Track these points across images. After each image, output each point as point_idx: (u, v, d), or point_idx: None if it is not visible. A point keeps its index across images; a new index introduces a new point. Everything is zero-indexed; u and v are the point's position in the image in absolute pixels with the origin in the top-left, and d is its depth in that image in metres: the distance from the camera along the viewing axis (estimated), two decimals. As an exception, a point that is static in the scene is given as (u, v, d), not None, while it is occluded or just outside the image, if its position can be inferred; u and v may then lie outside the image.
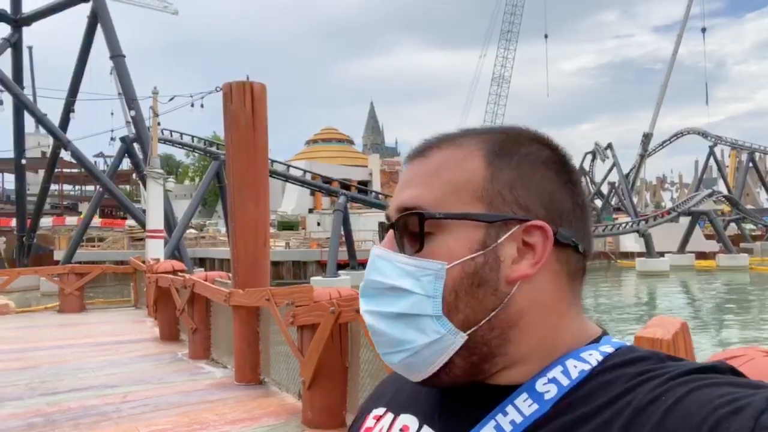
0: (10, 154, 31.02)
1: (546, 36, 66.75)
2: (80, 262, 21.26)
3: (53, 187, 45.31)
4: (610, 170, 63.03)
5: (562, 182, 0.66)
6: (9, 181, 49.14)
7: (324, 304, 4.09)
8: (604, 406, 0.55)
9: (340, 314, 3.94)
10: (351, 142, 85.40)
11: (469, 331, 0.61)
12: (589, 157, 69.04)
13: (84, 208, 42.70)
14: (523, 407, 0.59)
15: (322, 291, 4.37)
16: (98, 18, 26.51)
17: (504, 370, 0.63)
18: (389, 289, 0.63)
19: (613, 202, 63.71)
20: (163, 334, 8.65)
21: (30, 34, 30.14)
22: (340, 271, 29.86)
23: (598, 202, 63.09)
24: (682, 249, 43.58)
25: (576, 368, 0.61)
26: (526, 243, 0.62)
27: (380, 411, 0.74)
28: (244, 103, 5.83)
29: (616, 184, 59.14)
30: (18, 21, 28.34)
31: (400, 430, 0.68)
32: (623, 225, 43.25)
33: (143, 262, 12.50)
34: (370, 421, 0.74)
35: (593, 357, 0.62)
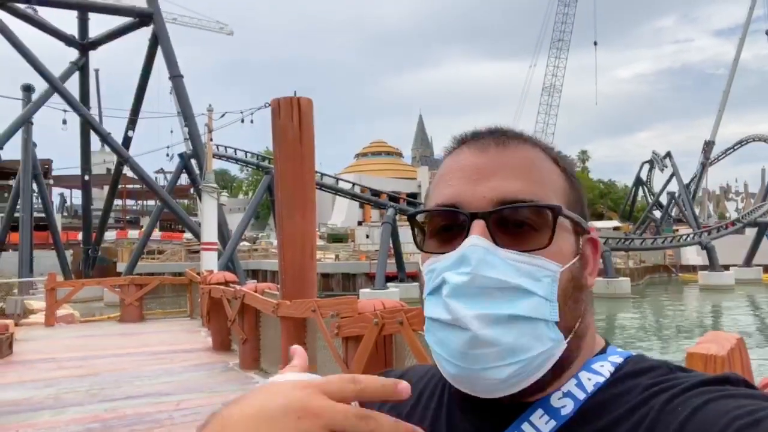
0: (78, 171, 32.84)
1: (595, 43, 65.35)
2: (141, 274, 22.17)
3: (117, 202, 47.51)
4: (670, 180, 60.63)
5: (585, 198, 0.68)
6: (76, 196, 51.90)
7: (368, 316, 4.09)
8: (621, 419, 0.55)
9: (383, 326, 3.93)
10: (400, 155, 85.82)
11: (567, 339, 0.59)
12: (647, 166, 66.77)
13: (145, 222, 44.55)
14: (540, 424, 0.58)
15: (366, 302, 4.37)
16: (158, 40, 27.80)
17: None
18: (505, 289, 0.56)
19: (673, 213, 61.16)
20: (215, 343, 8.86)
21: (96, 56, 31.88)
22: (388, 284, 29.88)
23: (657, 213, 60.76)
24: (748, 262, 41.26)
25: (590, 381, 0.60)
26: (583, 254, 0.64)
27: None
28: (292, 118, 5.95)
29: (676, 194, 56.75)
30: (85, 45, 30.07)
31: None
32: (684, 237, 41.42)
33: (198, 273, 12.90)
34: None
35: (605, 368, 0.61)
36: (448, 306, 0.56)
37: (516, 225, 0.59)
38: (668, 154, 61.11)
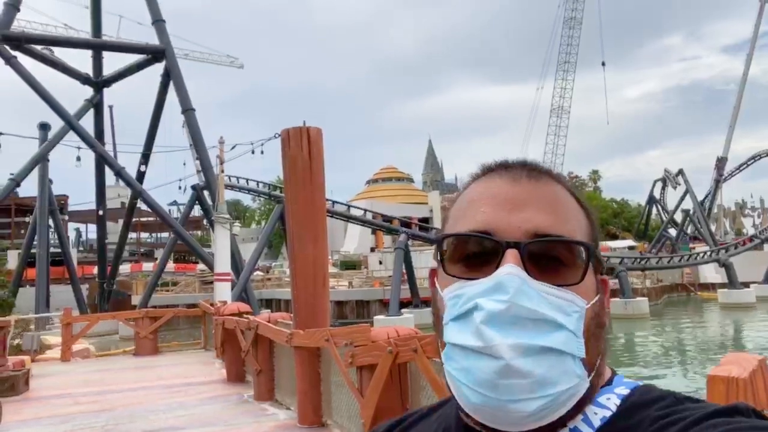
0: (93, 206, 33.31)
1: (603, 64, 65.69)
2: (155, 306, 22.24)
3: (131, 235, 48.00)
4: (683, 197, 60.08)
5: None
6: (91, 231, 52.56)
7: (381, 344, 4.05)
8: None
9: (397, 354, 3.88)
10: (411, 180, 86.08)
11: (590, 377, 0.59)
12: (659, 184, 66.30)
13: (159, 254, 44.90)
14: None
15: (380, 330, 4.33)
16: (170, 76, 28.42)
17: None
18: (538, 321, 0.55)
19: (688, 231, 60.44)
20: (230, 375, 8.81)
21: (109, 92, 32.59)
22: (403, 310, 29.69)
23: (673, 231, 60.06)
24: (768, 279, 40.50)
25: (597, 415, 0.60)
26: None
27: None
28: (301, 147, 6.01)
29: (691, 212, 56.18)
30: (99, 83, 30.82)
31: None
32: (701, 255, 40.85)
33: (212, 304, 12.90)
34: None
35: (611, 401, 0.61)
36: (481, 332, 0.55)
37: (548, 259, 0.59)
38: (680, 172, 60.72)
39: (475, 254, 0.60)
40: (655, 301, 37.60)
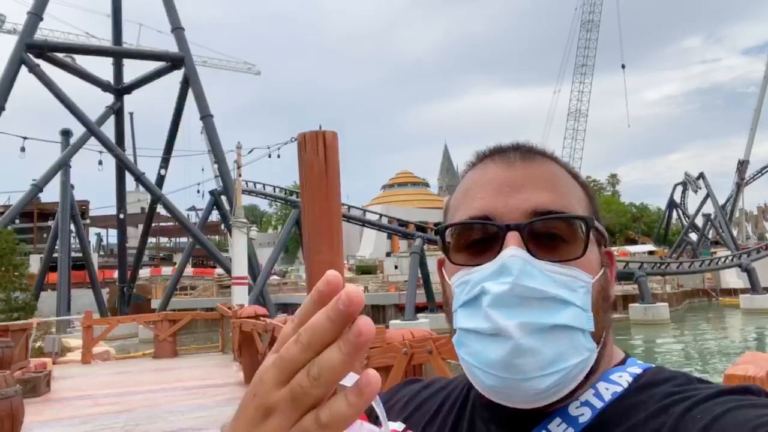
0: (113, 211, 33.84)
1: (623, 66, 65.00)
2: (174, 310, 22.47)
3: (151, 239, 48.66)
4: (704, 201, 59.21)
5: None
6: (112, 235, 53.40)
7: (397, 346, 4.07)
8: (639, 426, 0.55)
9: (412, 355, 3.90)
10: (426, 185, 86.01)
11: (598, 348, 0.60)
12: (680, 188, 65.42)
13: (178, 258, 45.40)
14: None
15: (395, 332, 4.35)
16: (189, 82, 28.82)
17: None
18: (544, 300, 0.56)
19: (710, 236, 59.48)
20: (247, 377, 8.88)
21: (130, 98, 33.14)
22: (418, 314, 29.62)
23: (693, 236, 59.17)
24: (792, 283, 39.66)
25: (608, 390, 0.61)
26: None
27: (398, 426, 0.70)
28: (317, 152, 6.05)
29: (712, 216, 55.30)
30: (120, 90, 31.35)
31: None
32: (723, 259, 40.14)
33: (229, 308, 13.02)
34: None
35: (623, 379, 0.61)
36: (489, 315, 0.56)
37: (549, 236, 0.60)
38: (701, 175, 59.87)
39: (478, 240, 0.61)
40: (675, 307, 37.03)
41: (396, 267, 46.74)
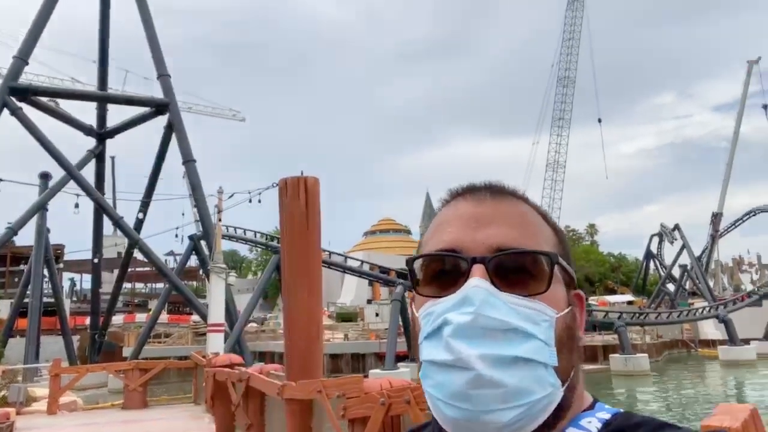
0: (89, 254, 33.19)
1: (599, 120, 67.14)
2: (147, 358, 21.81)
3: (126, 285, 47.59)
4: (680, 252, 60.27)
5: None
6: (86, 280, 52.15)
7: (374, 396, 3.97)
8: None
9: (390, 406, 3.80)
10: (408, 232, 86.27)
11: (563, 387, 0.59)
12: (656, 239, 66.57)
13: (153, 304, 44.40)
14: None
15: (372, 382, 4.26)
16: (173, 128, 28.96)
17: None
18: (507, 331, 0.56)
19: (687, 286, 60.21)
20: (219, 430, 8.56)
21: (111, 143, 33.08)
22: (399, 363, 29.13)
23: (671, 286, 59.83)
24: (768, 335, 40.07)
25: None
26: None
27: None
28: (298, 197, 6.08)
29: (689, 267, 56.13)
30: (102, 134, 31.34)
31: None
32: (701, 310, 40.57)
33: (204, 356, 12.68)
34: None
35: (592, 425, 0.61)
36: (450, 346, 0.56)
37: (514, 271, 0.60)
38: (676, 227, 61.13)
39: (444, 272, 0.62)
40: (655, 358, 37.02)
41: (377, 314, 46.24)
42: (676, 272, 59.76)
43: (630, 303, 54.89)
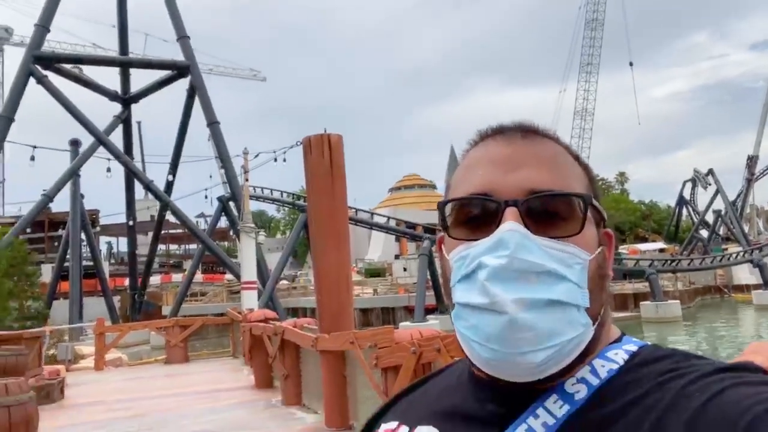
0: (123, 219, 34.10)
1: (631, 64, 64.72)
2: (185, 316, 22.61)
3: (160, 247, 48.91)
4: (714, 197, 58.77)
5: None
6: (122, 243, 53.75)
7: (405, 345, 4.08)
8: (636, 402, 0.55)
9: (421, 354, 3.91)
10: (433, 187, 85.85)
11: (594, 326, 0.60)
12: (689, 185, 64.98)
13: (188, 265, 45.67)
14: (554, 409, 0.59)
15: (403, 332, 4.37)
16: (195, 90, 29.01)
17: None
18: (539, 274, 0.57)
19: (720, 232, 59.01)
20: (257, 381, 8.92)
21: (138, 107, 33.35)
22: (428, 316, 29.59)
23: (704, 233, 58.72)
24: (806, 278, 39.22)
25: (604, 367, 0.61)
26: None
27: (392, 425, 0.70)
28: (323, 154, 6.11)
29: (723, 212, 54.85)
30: (127, 99, 31.61)
31: None
32: (734, 255, 39.83)
33: (239, 312, 13.08)
34: None
35: (619, 356, 0.62)
36: (487, 289, 0.57)
37: (547, 213, 0.61)
38: (710, 172, 59.47)
39: (476, 216, 0.62)
40: (687, 304, 36.76)
41: (405, 269, 46.69)
42: (709, 218, 58.49)
43: (662, 251, 54.16)
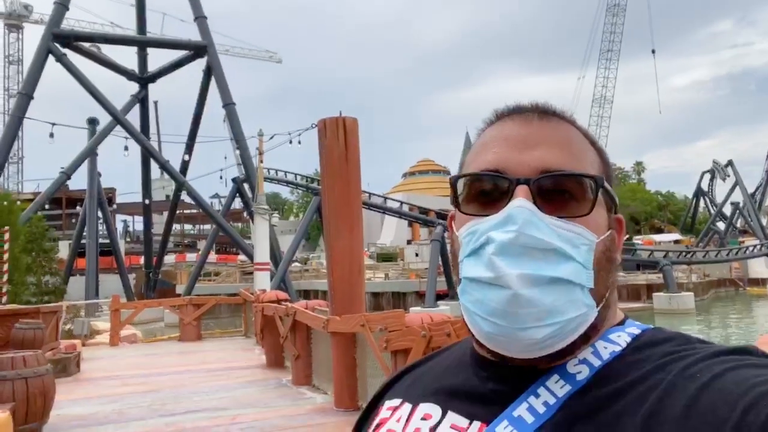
0: (139, 198, 34.45)
1: (653, 51, 63.54)
2: (199, 295, 22.90)
3: (175, 226, 49.41)
4: (733, 189, 57.93)
5: None
6: (138, 222, 54.38)
7: (415, 329, 4.12)
8: (637, 383, 0.55)
9: (431, 338, 3.94)
10: (447, 173, 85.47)
11: (599, 308, 0.61)
12: (708, 176, 64.05)
13: (202, 245, 46.13)
14: (555, 388, 0.60)
15: (413, 316, 4.40)
16: (212, 71, 29.02)
17: None
18: (546, 251, 0.58)
19: (738, 225, 58.20)
20: (269, 361, 9.04)
21: (155, 86, 33.49)
22: (439, 302, 29.65)
23: (721, 225, 57.96)
24: (823, 273, 38.70)
25: (606, 349, 0.62)
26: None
27: (395, 402, 0.72)
28: (337, 137, 6.11)
29: (741, 204, 54.05)
30: (144, 79, 31.73)
31: (422, 418, 0.66)
32: (751, 248, 39.31)
33: (252, 293, 13.22)
34: (384, 413, 0.72)
35: (622, 338, 0.63)
36: (493, 263, 0.57)
37: (557, 193, 0.61)
38: (730, 163, 58.55)
39: (488, 192, 0.63)
40: (701, 297, 36.43)
41: (417, 254, 46.73)
42: (727, 210, 57.68)
43: (677, 242, 53.62)
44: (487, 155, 0.64)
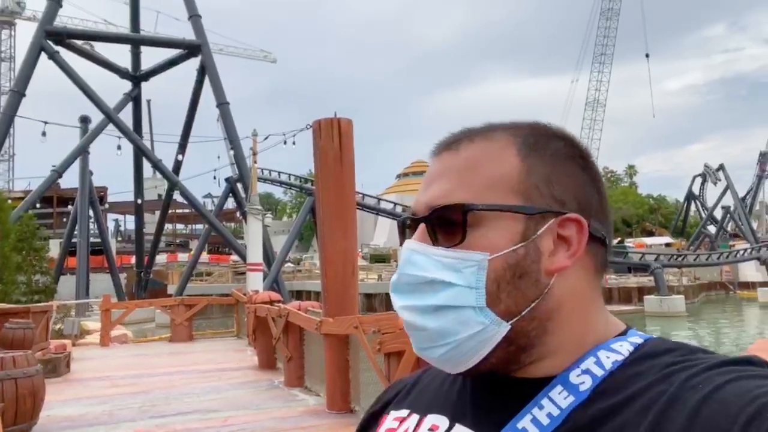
0: (131, 197, 34.25)
1: (647, 55, 63.83)
2: (190, 295, 22.78)
3: (167, 226, 49.17)
4: (724, 193, 58.34)
5: (588, 178, 0.67)
6: (130, 221, 54.11)
7: (409, 331, 4.10)
8: (639, 394, 0.55)
9: (424, 341, 3.93)
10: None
11: (512, 321, 0.61)
12: (699, 180, 64.50)
13: (194, 245, 45.91)
14: (559, 399, 0.59)
15: (407, 318, 4.39)
16: (206, 70, 28.91)
17: (537, 362, 0.63)
18: (427, 283, 0.63)
19: (729, 228, 58.63)
20: (261, 362, 9.00)
21: (148, 86, 33.32)
22: (432, 304, 29.65)
23: (712, 228, 58.38)
24: (813, 278, 39.05)
25: (609, 359, 0.61)
26: (561, 236, 0.63)
27: (402, 413, 0.72)
28: (332, 138, 6.09)
29: (731, 208, 54.47)
30: (137, 77, 31.57)
31: (429, 429, 0.66)
32: (741, 252, 39.63)
33: (244, 294, 13.17)
34: (390, 423, 0.72)
35: (624, 348, 0.62)
36: (392, 298, 0.66)
37: (447, 224, 0.63)
38: (721, 167, 58.98)
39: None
40: (692, 300, 36.66)
41: (410, 256, 46.69)
42: (718, 214, 58.11)
43: (668, 245, 53.96)
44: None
